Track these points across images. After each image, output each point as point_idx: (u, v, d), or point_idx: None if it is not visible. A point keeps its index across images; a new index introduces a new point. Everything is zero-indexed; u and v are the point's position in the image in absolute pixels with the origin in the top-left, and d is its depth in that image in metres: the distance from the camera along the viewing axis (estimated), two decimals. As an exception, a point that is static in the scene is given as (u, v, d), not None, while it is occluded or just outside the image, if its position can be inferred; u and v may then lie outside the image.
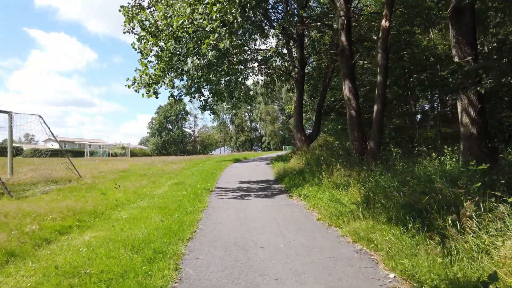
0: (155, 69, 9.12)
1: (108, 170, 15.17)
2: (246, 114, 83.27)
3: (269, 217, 6.49)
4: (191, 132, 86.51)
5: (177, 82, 20.34)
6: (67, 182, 10.97)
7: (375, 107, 11.09)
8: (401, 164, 8.06)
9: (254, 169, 16.27)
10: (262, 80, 22.12)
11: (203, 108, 11.42)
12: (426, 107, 24.51)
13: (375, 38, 11.85)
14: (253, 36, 19.15)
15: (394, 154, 8.46)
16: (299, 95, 18.78)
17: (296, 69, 19.37)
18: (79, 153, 56.92)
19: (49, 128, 11.69)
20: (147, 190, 10.25)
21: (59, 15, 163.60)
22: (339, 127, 16.23)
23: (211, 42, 7.74)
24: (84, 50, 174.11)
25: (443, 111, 21.46)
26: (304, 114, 25.80)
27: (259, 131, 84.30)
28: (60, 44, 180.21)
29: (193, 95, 11.18)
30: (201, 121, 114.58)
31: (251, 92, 22.74)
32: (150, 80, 8.75)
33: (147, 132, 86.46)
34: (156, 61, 9.18)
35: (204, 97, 11.63)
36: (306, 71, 20.55)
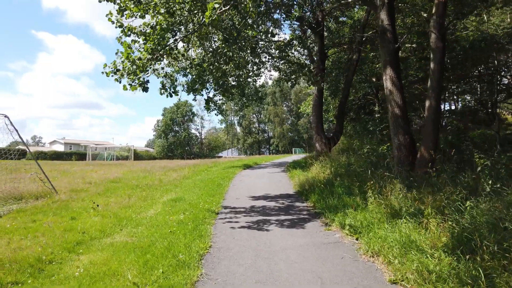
0: (141, 51, 6.74)
1: (96, 180, 12.87)
2: (254, 115, 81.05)
3: (310, 274, 4.01)
4: (198, 134, 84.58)
5: (180, 78, 18.06)
6: (35, 200, 8.66)
7: (427, 103, 8.63)
8: (489, 181, 5.53)
9: (268, 178, 13.79)
10: (277, 74, 19.68)
11: (206, 103, 8.97)
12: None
13: (425, 16, 9.32)
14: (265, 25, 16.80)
15: (479, 168, 5.91)
16: (318, 92, 16.28)
17: (315, 62, 16.87)
18: (84, 156, 55.27)
19: (16, 130, 9.41)
20: (133, 211, 7.86)
21: (66, 17, 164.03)
22: (371, 128, 13.64)
23: (216, 5, 5.33)
24: (92, 52, 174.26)
25: (474, 109, 18.69)
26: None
27: (267, 133, 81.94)
28: (68, 46, 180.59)
29: (198, 91, 8.77)
30: (208, 122, 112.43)
31: (260, 94, 20.31)
32: (134, 67, 6.36)
33: (153, 135, 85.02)
34: (144, 41, 6.79)
35: (207, 90, 9.19)
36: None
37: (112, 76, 6.96)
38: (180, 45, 8.38)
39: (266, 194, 10.02)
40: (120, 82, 6.94)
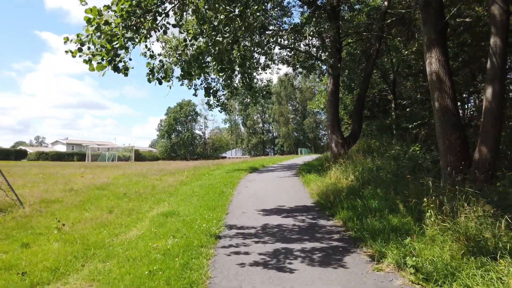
0: (115, 18, 4.92)
1: (80, 187, 11.10)
2: (258, 115, 79.24)
3: None
4: (201, 134, 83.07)
5: (176, 71, 16.11)
6: (-12, 216, 6.89)
7: (489, 90, 6.80)
8: None
9: (279, 184, 11.91)
10: (286, 69, 17.90)
11: (206, 93, 7.06)
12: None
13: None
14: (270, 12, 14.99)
15: None
16: (334, 86, 14.36)
17: (329, 52, 14.98)
18: (90, 156, 53.65)
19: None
20: (109, 232, 6.05)
21: (70, 17, 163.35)
22: (404, 125, 11.69)
23: None
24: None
25: None
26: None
27: (272, 133, 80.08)
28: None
29: (195, 76, 6.91)
30: (211, 122, 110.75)
31: (267, 89, 18.52)
32: (99, 33, 4.56)
33: (156, 135, 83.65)
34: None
35: (207, 75, 7.32)
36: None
37: (79, 56, 5.16)
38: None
39: (279, 206, 8.15)
40: (88, 63, 5.13)
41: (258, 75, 15.43)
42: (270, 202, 8.65)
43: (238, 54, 11.33)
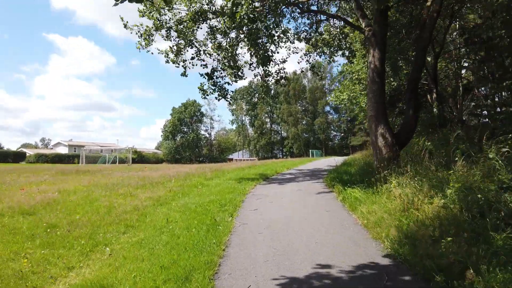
0: None
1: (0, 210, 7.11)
2: (266, 115, 75.11)
3: None
4: (207, 135, 79.43)
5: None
6: None
7: None
8: None
9: (307, 208, 7.63)
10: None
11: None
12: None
13: None
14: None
15: None
16: (380, 62, 10.12)
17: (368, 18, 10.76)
18: (89, 158, 50.39)
19: None
20: None
21: (75, 18, 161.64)
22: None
23: None
24: (102, 54, 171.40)
25: None
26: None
27: (280, 133, 75.78)
28: (79, 48, 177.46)
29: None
30: (217, 123, 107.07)
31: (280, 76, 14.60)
32: None
33: (161, 136, 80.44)
34: None
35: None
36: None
37: None
38: None
39: (323, 269, 3.94)
40: None
41: (273, 44, 11.45)
42: (302, 254, 4.46)
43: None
